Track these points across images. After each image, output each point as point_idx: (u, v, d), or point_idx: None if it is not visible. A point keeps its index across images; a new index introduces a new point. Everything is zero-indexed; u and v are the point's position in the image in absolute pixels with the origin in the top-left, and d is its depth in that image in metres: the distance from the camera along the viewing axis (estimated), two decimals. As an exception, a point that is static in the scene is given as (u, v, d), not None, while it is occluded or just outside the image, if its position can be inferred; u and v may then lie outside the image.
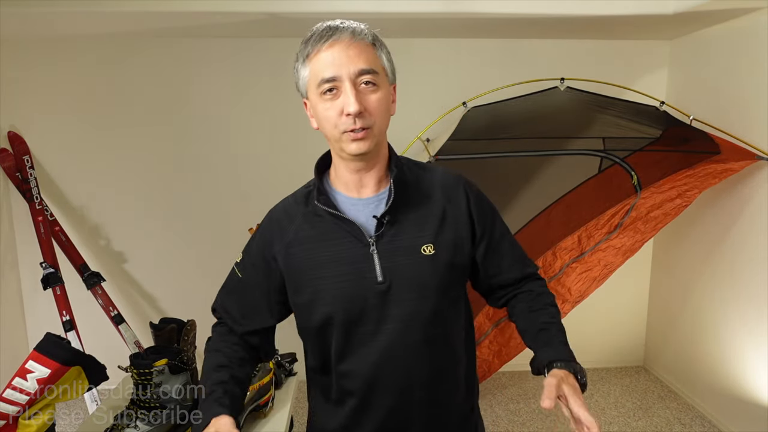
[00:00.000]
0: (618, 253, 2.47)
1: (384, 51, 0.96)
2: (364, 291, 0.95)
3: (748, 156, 2.35)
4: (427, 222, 0.98)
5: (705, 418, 2.76)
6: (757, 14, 2.36)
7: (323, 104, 0.91)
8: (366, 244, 0.95)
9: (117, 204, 2.98)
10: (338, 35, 0.91)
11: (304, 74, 0.94)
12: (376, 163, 0.98)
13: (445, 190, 1.01)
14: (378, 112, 0.92)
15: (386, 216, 0.95)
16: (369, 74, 0.90)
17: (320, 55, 0.90)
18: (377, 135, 0.93)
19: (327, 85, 0.89)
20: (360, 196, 0.99)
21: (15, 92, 2.80)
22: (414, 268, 0.95)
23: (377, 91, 0.92)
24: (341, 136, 0.91)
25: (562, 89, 2.55)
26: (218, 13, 2.31)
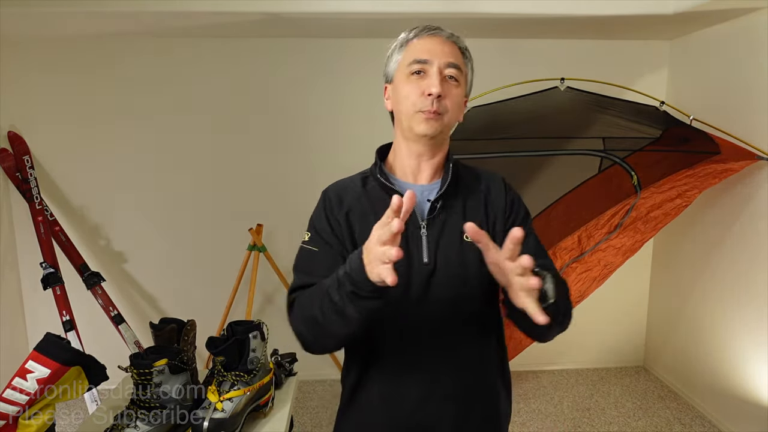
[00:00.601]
0: (618, 253, 2.47)
1: (470, 63, 1.05)
2: (410, 270, 0.98)
3: (748, 156, 2.35)
4: (472, 212, 1.04)
5: (705, 418, 2.76)
6: (757, 14, 2.36)
7: (409, 84, 0.99)
8: (417, 226, 1.00)
9: (117, 204, 2.98)
10: (439, 31, 1.01)
11: (398, 57, 1.03)
12: (436, 153, 1.04)
13: (487, 183, 1.08)
14: (453, 103, 0.99)
15: (439, 201, 1.01)
16: (455, 69, 0.99)
17: (419, 41, 1.00)
18: (446, 123, 1.00)
19: (418, 66, 0.98)
20: (416, 182, 1.05)
21: (15, 92, 2.80)
22: (458, 253, 1.00)
23: (458, 87, 1.00)
24: (415, 115, 0.98)
25: (562, 89, 2.55)
26: (218, 13, 2.31)
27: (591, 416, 2.82)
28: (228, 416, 1.16)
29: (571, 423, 2.76)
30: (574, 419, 2.79)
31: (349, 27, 2.65)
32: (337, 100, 2.97)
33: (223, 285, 2.97)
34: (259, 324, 1.30)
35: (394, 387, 1.02)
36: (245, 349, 1.24)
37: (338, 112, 3.00)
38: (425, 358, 1.01)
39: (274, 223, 2.97)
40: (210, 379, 1.29)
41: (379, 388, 1.03)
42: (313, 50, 2.91)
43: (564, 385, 3.16)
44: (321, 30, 2.74)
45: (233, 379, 1.20)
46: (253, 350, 1.25)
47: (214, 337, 1.25)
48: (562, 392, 3.08)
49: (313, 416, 2.83)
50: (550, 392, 3.08)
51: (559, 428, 2.72)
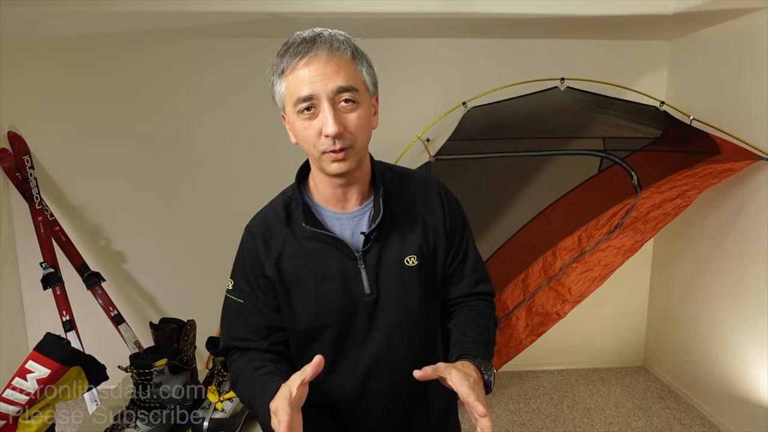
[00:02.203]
0: (618, 253, 2.47)
1: (364, 63, 0.92)
2: (353, 303, 0.97)
3: (748, 156, 2.35)
4: (410, 234, 0.99)
5: (705, 418, 2.76)
6: (757, 14, 2.36)
7: (301, 123, 0.88)
8: (353, 258, 0.96)
9: (117, 204, 2.98)
10: (315, 51, 0.86)
11: (281, 89, 0.91)
12: (358, 178, 0.97)
13: (424, 199, 1.03)
14: (358, 130, 0.89)
15: (373, 233, 0.96)
16: (348, 92, 0.86)
17: (297, 72, 0.86)
18: (359, 153, 0.91)
19: (304, 104, 0.86)
20: (344, 210, 0.99)
21: (15, 92, 2.80)
22: (399, 278, 0.98)
23: (357, 109, 0.88)
24: (321, 156, 0.89)
25: (562, 89, 2.55)
26: (218, 13, 2.31)
27: (591, 416, 2.82)
28: (228, 416, 1.17)
29: (571, 423, 2.76)
30: (574, 419, 2.79)
31: (349, 27, 2.64)
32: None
33: (223, 285, 2.96)
34: (259, 324, 1.30)
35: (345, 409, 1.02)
36: (245, 349, 1.24)
37: (338, 112, 3.00)
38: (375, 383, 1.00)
39: (274, 223, 2.97)
40: (210, 379, 1.29)
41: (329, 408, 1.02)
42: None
43: (564, 385, 3.16)
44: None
45: (233, 379, 1.20)
46: (253, 350, 1.25)
47: (214, 337, 1.25)
48: (562, 392, 3.08)
49: (313, 416, 2.83)
50: (550, 392, 3.08)
51: (559, 428, 2.72)
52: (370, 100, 0.93)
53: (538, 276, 2.55)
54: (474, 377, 0.85)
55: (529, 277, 2.55)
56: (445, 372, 0.84)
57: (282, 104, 0.93)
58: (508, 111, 2.61)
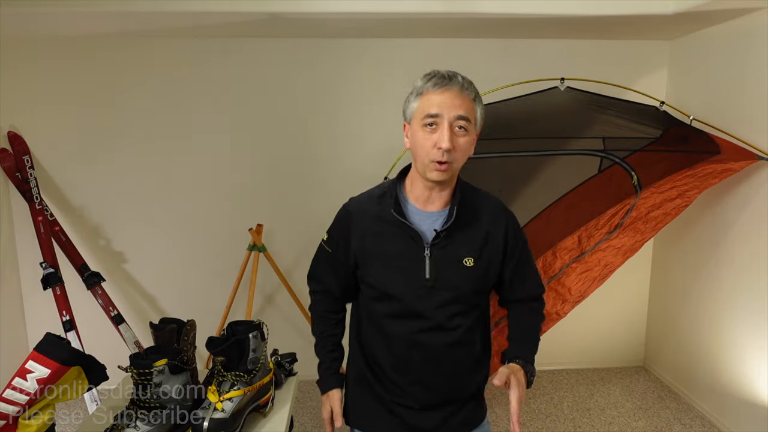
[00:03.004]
0: (618, 253, 2.46)
1: (480, 106, 1.19)
2: (414, 284, 1.20)
3: (748, 156, 2.35)
4: (473, 240, 1.23)
5: (705, 418, 2.76)
6: (757, 14, 2.36)
7: (423, 134, 1.14)
8: (422, 248, 1.20)
9: (117, 204, 2.98)
10: (451, 86, 1.13)
11: (414, 105, 1.17)
12: (446, 188, 1.23)
13: (491, 216, 1.26)
14: (462, 152, 1.16)
15: (443, 232, 1.20)
16: (464, 120, 1.13)
17: (432, 96, 1.13)
18: (455, 169, 1.17)
19: (431, 119, 1.12)
20: (426, 209, 1.23)
21: (15, 92, 2.80)
22: (455, 274, 1.21)
23: (466, 136, 1.15)
24: (429, 163, 1.14)
25: (562, 89, 2.55)
26: (218, 13, 2.31)
27: (591, 416, 2.82)
28: (228, 416, 1.17)
29: (571, 423, 2.76)
30: (574, 419, 2.79)
31: (350, 27, 2.65)
32: (336, 100, 2.97)
33: (223, 285, 2.97)
34: (259, 324, 1.31)
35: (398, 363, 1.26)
36: (245, 349, 1.24)
37: (338, 112, 3.00)
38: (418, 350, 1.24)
39: (274, 223, 2.97)
40: (210, 379, 1.29)
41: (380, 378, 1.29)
42: (313, 50, 2.91)
43: (564, 385, 3.16)
44: (321, 30, 2.74)
45: (233, 379, 1.20)
46: (253, 350, 1.25)
47: (214, 337, 1.25)
48: (562, 392, 3.08)
49: (313, 416, 2.83)
50: (550, 392, 3.08)
51: (559, 428, 2.72)
52: (475, 133, 1.19)
53: (538, 276, 2.55)
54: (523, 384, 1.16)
55: (529, 277, 2.55)
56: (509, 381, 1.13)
57: (410, 117, 1.19)
58: (508, 111, 2.61)
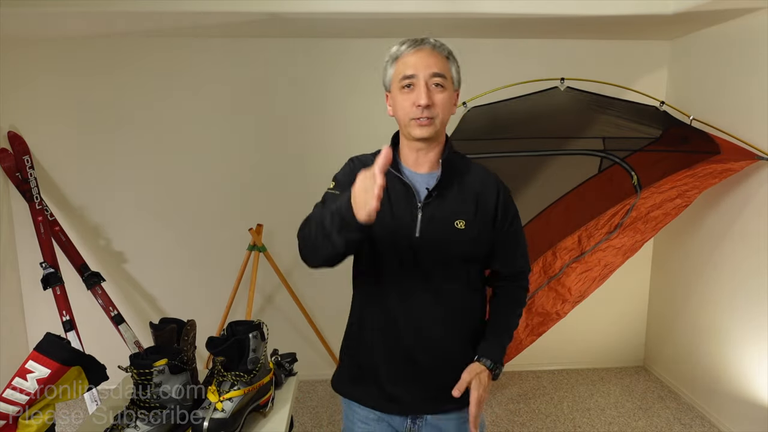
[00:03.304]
0: (618, 253, 2.47)
1: (455, 64, 1.22)
2: (405, 238, 1.21)
3: (748, 156, 2.35)
4: (464, 202, 1.23)
5: (705, 418, 2.76)
6: (757, 14, 2.36)
7: (401, 96, 1.17)
8: (415, 206, 1.21)
9: (117, 204, 2.98)
10: (422, 46, 1.17)
11: (391, 71, 1.20)
12: (433, 148, 1.23)
13: (483, 181, 1.28)
14: (441, 107, 1.17)
15: (435, 191, 1.21)
16: (439, 77, 1.15)
17: (406, 58, 1.17)
18: (438, 125, 1.18)
19: (407, 80, 1.15)
20: (417, 171, 1.25)
21: (15, 92, 2.80)
22: (445, 234, 1.21)
23: (444, 92, 1.17)
24: (410, 122, 1.17)
25: (562, 89, 2.55)
26: (218, 13, 2.31)
27: (591, 416, 2.82)
28: (228, 416, 1.17)
29: (571, 423, 2.76)
30: (574, 419, 2.79)
31: (350, 27, 2.65)
32: (337, 100, 2.98)
33: (223, 285, 2.97)
34: (259, 324, 1.30)
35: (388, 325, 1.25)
36: (245, 349, 1.24)
37: (338, 112, 3.00)
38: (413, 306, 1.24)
39: (274, 223, 2.97)
40: (210, 379, 1.29)
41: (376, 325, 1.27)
42: (313, 50, 2.91)
43: (564, 385, 3.16)
44: (321, 30, 2.74)
45: (233, 379, 1.20)
46: (253, 350, 1.25)
47: (214, 337, 1.25)
48: (562, 392, 3.08)
49: (313, 416, 2.83)
50: (550, 392, 3.08)
51: (559, 428, 2.72)
52: (453, 91, 1.22)
53: (538, 276, 2.55)
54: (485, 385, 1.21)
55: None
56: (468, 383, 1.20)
57: (389, 84, 1.22)
58: (508, 111, 2.61)
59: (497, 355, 1.26)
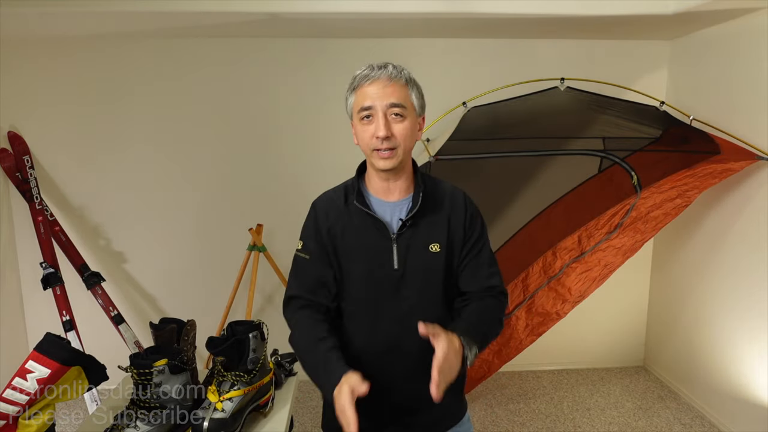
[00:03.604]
0: (618, 253, 2.46)
1: (415, 89, 1.19)
2: (383, 274, 1.19)
3: (748, 156, 2.35)
4: (436, 226, 1.22)
5: (705, 418, 2.76)
6: (757, 14, 2.36)
7: (362, 126, 1.17)
8: (389, 238, 1.20)
9: (117, 204, 2.98)
10: (379, 75, 1.15)
11: (351, 101, 1.20)
12: (401, 176, 1.22)
13: (450, 201, 1.26)
14: (402, 137, 1.15)
15: (409, 220, 1.20)
16: (398, 107, 1.14)
17: (363, 89, 1.16)
18: (401, 155, 1.16)
19: (365, 112, 1.15)
20: (388, 200, 1.23)
21: (15, 92, 2.80)
22: (423, 261, 1.20)
23: (403, 121, 1.15)
24: (372, 153, 1.17)
25: (562, 89, 2.55)
26: (218, 13, 2.31)
27: (591, 416, 2.82)
28: (228, 416, 1.17)
29: (571, 423, 2.76)
30: (574, 419, 2.79)
31: (350, 27, 2.65)
32: (337, 100, 2.96)
33: (223, 285, 2.97)
34: (259, 324, 1.30)
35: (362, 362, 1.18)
36: (245, 349, 1.24)
37: (338, 112, 2.99)
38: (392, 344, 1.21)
39: (274, 223, 2.97)
40: (210, 379, 1.29)
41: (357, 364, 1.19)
42: (313, 50, 2.91)
43: (564, 385, 3.16)
44: (321, 30, 2.74)
45: (233, 379, 1.20)
46: (253, 350, 1.25)
47: (214, 337, 1.25)
48: (562, 392, 3.08)
49: (313, 416, 2.83)
50: (550, 392, 3.08)
51: (559, 428, 2.72)
52: (416, 118, 1.20)
53: (538, 276, 2.55)
54: (455, 347, 1.06)
55: (529, 277, 2.55)
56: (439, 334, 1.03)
57: (350, 112, 1.21)
58: (508, 111, 2.61)
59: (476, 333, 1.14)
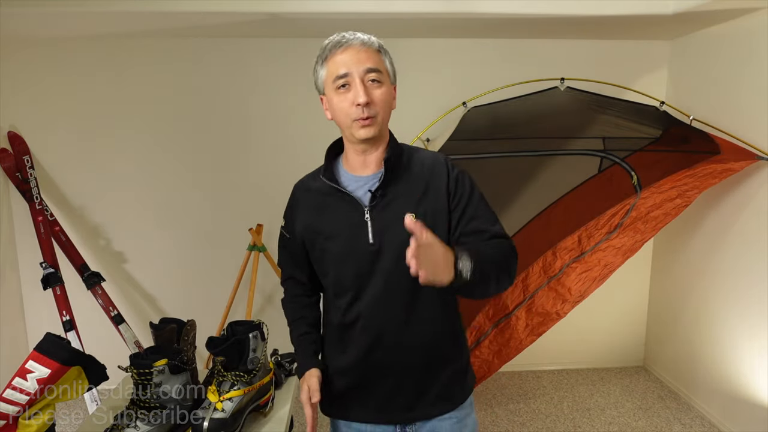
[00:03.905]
0: (618, 253, 2.46)
1: (387, 57, 1.15)
2: (359, 250, 1.14)
3: (748, 156, 2.35)
4: (412, 195, 1.15)
5: (705, 418, 2.76)
6: (757, 14, 2.36)
7: (338, 97, 1.11)
8: (361, 212, 1.14)
9: (117, 204, 2.98)
10: (351, 42, 1.10)
11: (322, 73, 1.14)
12: (378, 147, 1.17)
13: (430, 167, 1.19)
14: (381, 103, 1.11)
15: (378, 190, 1.14)
16: (375, 72, 1.09)
17: (336, 58, 1.10)
18: (380, 123, 1.12)
19: (341, 80, 1.09)
20: (362, 174, 1.18)
21: (15, 92, 2.80)
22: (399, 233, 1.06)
23: (381, 87, 1.11)
24: (352, 124, 1.10)
25: (562, 89, 2.55)
26: (218, 13, 2.31)
27: (591, 416, 2.82)
28: (228, 416, 1.17)
29: (571, 423, 2.76)
30: (574, 419, 2.79)
31: (349, 27, 2.63)
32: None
33: (223, 285, 2.97)
34: (259, 324, 1.30)
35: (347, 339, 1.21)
36: (245, 349, 1.24)
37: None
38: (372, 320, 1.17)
39: (274, 223, 2.97)
40: (210, 379, 1.29)
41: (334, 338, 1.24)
42: (313, 50, 2.89)
43: (564, 385, 3.16)
44: (321, 30, 2.74)
45: (233, 379, 1.20)
46: (253, 350, 1.25)
47: (214, 337, 1.25)
48: (562, 392, 3.08)
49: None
50: (550, 392, 3.08)
51: (559, 428, 2.72)
52: (391, 85, 1.15)
53: (538, 276, 2.55)
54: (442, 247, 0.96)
55: (529, 277, 2.55)
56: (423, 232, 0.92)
57: (322, 86, 1.15)
58: (508, 111, 2.61)
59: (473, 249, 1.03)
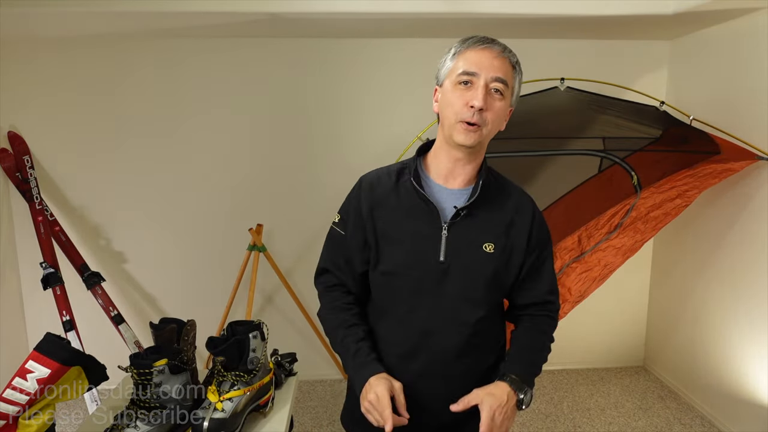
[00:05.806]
0: (618, 253, 2.47)
1: (519, 76, 1.12)
2: (427, 264, 1.10)
3: (748, 156, 2.35)
4: (495, 225, 1.12)
5: (705, 418, 2.76)
6: (757, 14, 2.36)
7: (455, 91, 1.06)
8: (439, 226, 1.10)
9: (117, 204, 2.98)
10: (492, 45, 1.07)
11: (450, 64, 1.09)
12: (472, 160, 1.12)
13: (516, 201, 1.16)
14: (494, 116, 1.06)
15: (464, 210, 1.10)
16: (501, 83, 1.05)
17: (470, 53, 1.06)
18: (485, 135, 1.07)
19: (466, 77, 1.05)
20: (447, 186, 1.13)
21: (15, 92, 2.80)
22: (472, 259, 1.09)
23: (501, 101, 1.06)
24: (456, 124, 1.05)
25: (562, 89, 2.55)
26: (218, 13, 2.31)
27: (591, 416, 2.82)
28: (228, 416, 1.17)
29: (571, 423, 2.76)
30: (574, 419, 2.79)
31: (350, 27, 2.65)
32: (336, 100, 2.97)
33: (223, 285, 2.97)
34: (259, 324, 1.30)
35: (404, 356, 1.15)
36: (245, 349, 1.24)
37: (338, 112, 3.00)
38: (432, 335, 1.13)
39: (274, 223, 2.97)
40: (210, 379, 1.29)
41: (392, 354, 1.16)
42: (313, 50, 2.91)
43: (564, 385, 3.16)
44: (321, 30, 2.74)
45: (233, 379, 1.20)
46: (253, 350, 1.25)
47: (214, 337, 1.25)
48: (562, 392, 3.08)
49: (313, 416, 2.83)
50: (550, 392, 3.08)
51: (559, 428, 2.72)
52: (509, 105, 1.10)
53: (538, 276, 2.55)
54: (502, 401, 1.02)
55: (529, 277, 2.56)
56: (476, 399, 1.02)
57: (443, 77, 1.10)
58: (508, 111, 2.60)
59: (526, 372, 1.08)
